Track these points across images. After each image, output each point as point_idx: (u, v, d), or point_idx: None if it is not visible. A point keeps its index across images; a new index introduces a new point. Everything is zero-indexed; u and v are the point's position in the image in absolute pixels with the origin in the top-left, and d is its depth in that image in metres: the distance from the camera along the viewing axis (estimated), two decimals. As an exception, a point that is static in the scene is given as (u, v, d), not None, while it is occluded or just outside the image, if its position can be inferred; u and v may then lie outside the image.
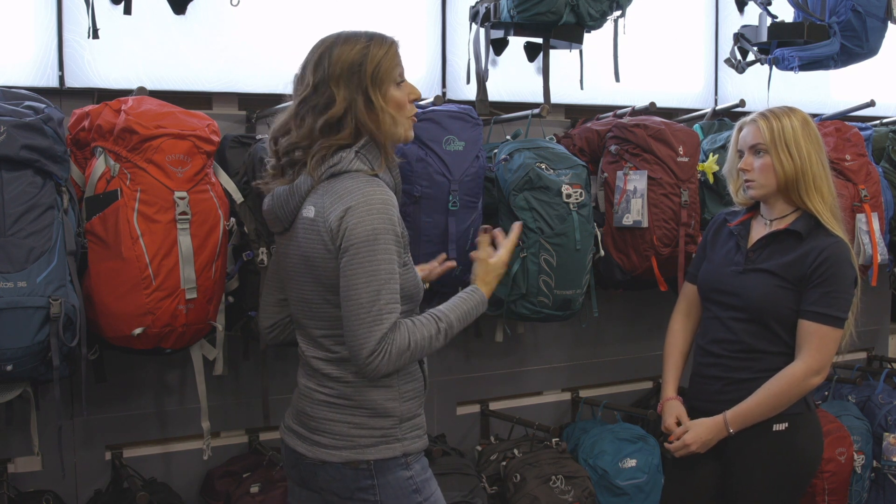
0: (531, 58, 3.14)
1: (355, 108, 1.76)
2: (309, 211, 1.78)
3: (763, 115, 2.28)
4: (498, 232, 2.09)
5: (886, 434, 3.49)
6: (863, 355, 4.22)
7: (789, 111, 2.28)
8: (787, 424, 2.25)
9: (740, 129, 2.34)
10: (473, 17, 2.86)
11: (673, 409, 2.39)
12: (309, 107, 1.78)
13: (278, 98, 2.66)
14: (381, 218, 1.71)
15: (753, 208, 2.40)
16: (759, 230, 2.34)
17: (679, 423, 2.35)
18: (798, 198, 2.25)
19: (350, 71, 1.76)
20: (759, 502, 2.29)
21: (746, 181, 2.30)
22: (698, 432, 2.28)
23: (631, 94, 3.38)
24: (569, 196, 2.68)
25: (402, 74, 1.84)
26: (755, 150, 2.27)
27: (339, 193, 1.73)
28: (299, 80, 1.83)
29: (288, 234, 1.86)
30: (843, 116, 3.58)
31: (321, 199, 1.75)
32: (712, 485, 2.36)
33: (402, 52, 1.85)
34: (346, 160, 1.76)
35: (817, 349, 2.19)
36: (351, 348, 1.73)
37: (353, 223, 1.70)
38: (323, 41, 1.83)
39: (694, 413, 2.37)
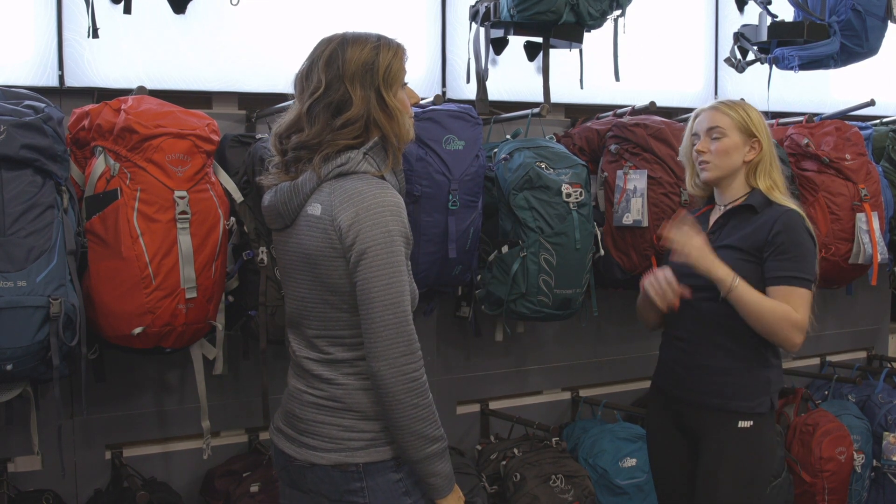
0: (531, 57, 3.14)
1: (371, 107, 1.76)
2: (315, 208, 1.76)
3: (722, 103, 2.39)
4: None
5: (886, 433, 3.49)
6: (863, 354, 4.22)
7: (745, 103, 2.40)
8: (752, 423, 2.30)
9: (696, 116, 2.42)
10: (473, 16, 2.86)
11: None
12: (323, 105, 1.76)
13: (278, 97, 2.66)
14: (395, 220, 1.71)
15: (709, 202, 2.47)
16: (716, 217, 2.42)
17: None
18: (755, 179, 2.34)
19: (364, 69, 1.75)
20: (720, 492, 2.31)
21: (701, 163, 2.37)
22: (705, 254, 2.24)
23: (631, 93, 3.37)
24: (569, 195, 2.68)
25: (404, 78, 1.84)
26: (711, 133, 2.35)
27: (349, 193, 1.72)
28: (305, 77, 1.80)
29: (288, 232, 1.84)
30: (843, 116, 3.58)
31: (328, 198, 1.74)
32: (686, 461, 2.43)
33: (406, 56, 1.84)
34: (354, 161, 1.75)
35: (796, 307, 2.21)
36: (378, 350, 1.69)
37: (369, 225, 1.69)
38: (329, 40, 1.80)
39: (660, 397, 2.47)
